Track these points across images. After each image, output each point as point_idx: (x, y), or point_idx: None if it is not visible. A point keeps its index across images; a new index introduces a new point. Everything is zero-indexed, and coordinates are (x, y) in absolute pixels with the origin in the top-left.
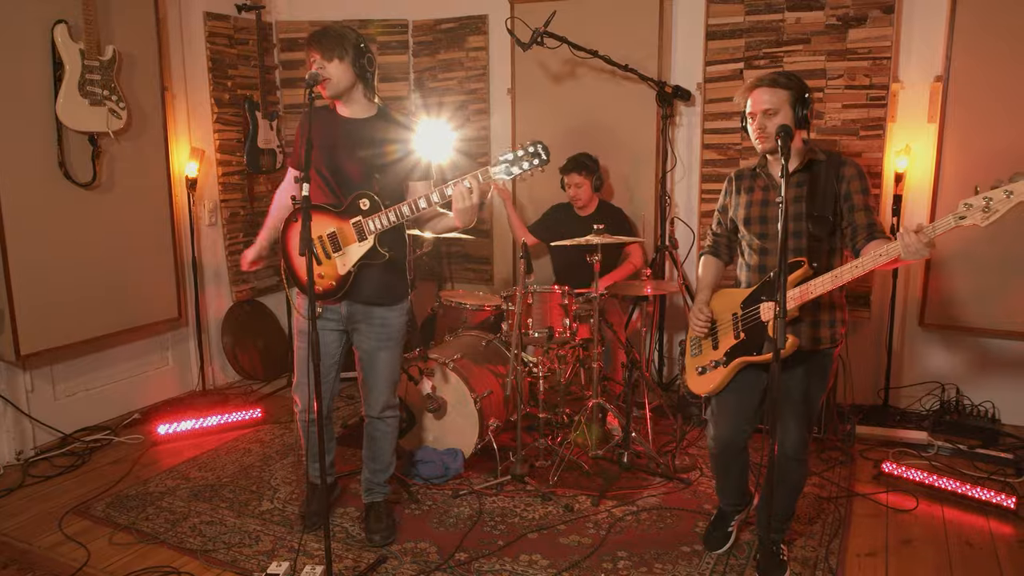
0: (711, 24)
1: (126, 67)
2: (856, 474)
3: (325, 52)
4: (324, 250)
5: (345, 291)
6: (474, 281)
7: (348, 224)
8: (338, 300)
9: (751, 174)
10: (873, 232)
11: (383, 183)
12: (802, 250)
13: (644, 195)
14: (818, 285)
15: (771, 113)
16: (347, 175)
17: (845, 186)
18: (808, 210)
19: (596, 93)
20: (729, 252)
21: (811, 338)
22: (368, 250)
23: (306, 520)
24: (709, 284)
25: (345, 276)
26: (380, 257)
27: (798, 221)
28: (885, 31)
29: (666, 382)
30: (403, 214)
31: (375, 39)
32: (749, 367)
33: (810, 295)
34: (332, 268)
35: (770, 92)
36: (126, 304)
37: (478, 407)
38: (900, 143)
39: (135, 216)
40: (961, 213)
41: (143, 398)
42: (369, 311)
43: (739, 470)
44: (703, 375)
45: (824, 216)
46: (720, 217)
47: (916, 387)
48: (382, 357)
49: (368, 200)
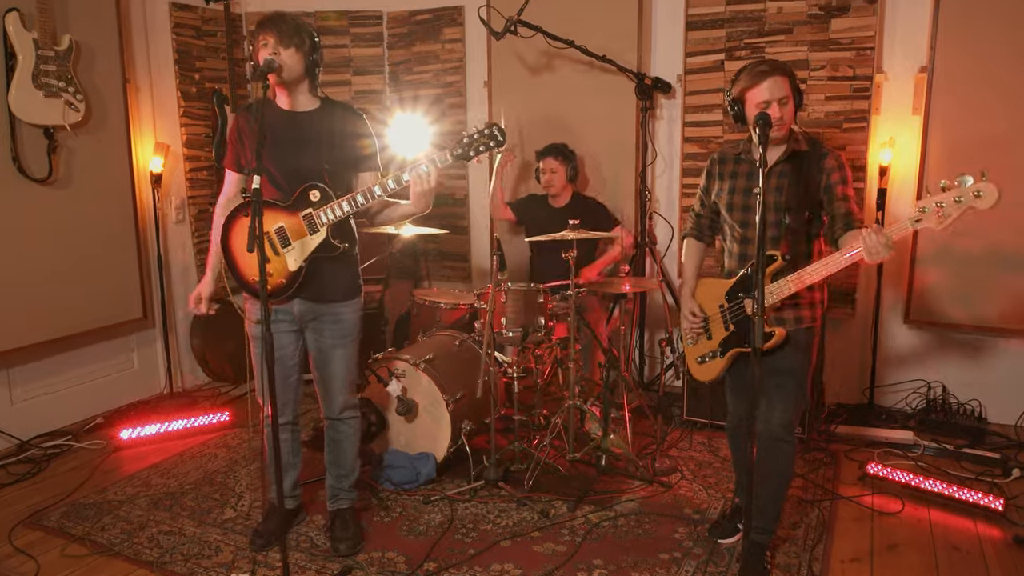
0: (691, 14)
1: (85, 58)
2: (840, 476)
3: (283, 38)
4: (272, 246)
5: (296, 288)
6: (452, 279)
7: (297, 218)
8: (289, 299)
9: (735, 158)
10: (851, 222)
11: (333, 175)
12: (779, 241)
13: (623, 189)
14: (787, 285)
15: (785, 101)
16: (295, 170)
17: (826, 178)
18: (788, 202)
19: (574, 86)
20: (711, 233)
21: (794, 318)
22: (321, 242)
23: (255, 538)
24: (694, 273)
25: (296, 272)
26: (334, 249)
27: (777, 212)
28: (868, 21)
29: (647, 381)
30: (357, 203)
31: (348, 31)
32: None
33: (781, 293)
34: (281, 265)
35: (782, 80)
36: (87, 304)
37: (450, 409)
38: (884, 136)
39: (95, 213)
40: (916, 217)
41: (107, 402)
42: (322, 308)
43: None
44: (703, 364)
45: (800, 210)
46: (703, 198)
47: (901, 385)
48: (337, 355)
49: (318, 191)
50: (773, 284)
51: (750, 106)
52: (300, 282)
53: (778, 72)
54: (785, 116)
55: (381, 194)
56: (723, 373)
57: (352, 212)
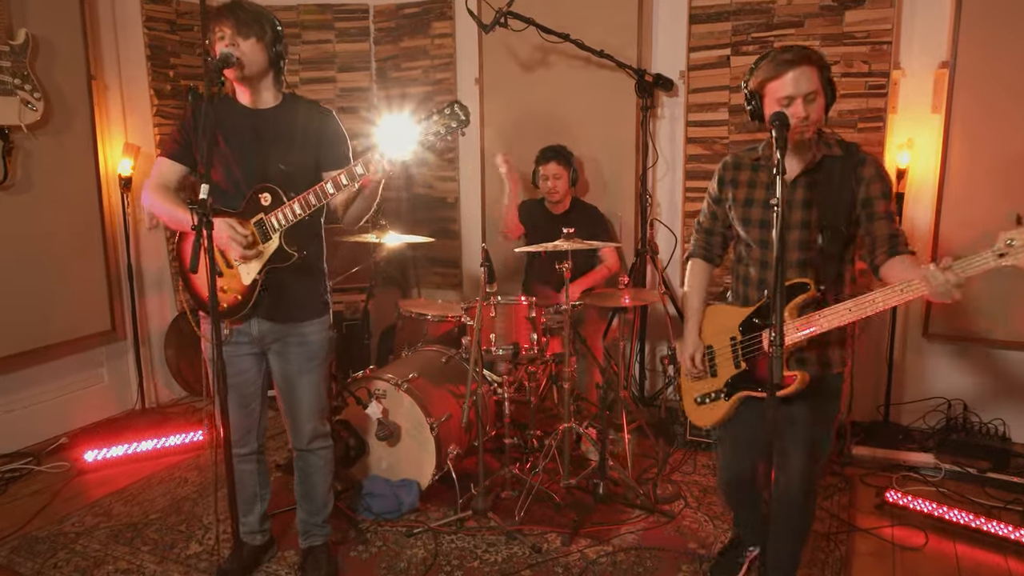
0: (695, 6)
1: (44, 53)
2: (856, 503)
3: (241, 28)
4: (224, 259)
5: (253, 305)
6: (442, 286)
7: (248, 225)
8: (246, 318)
9: (752, 164)
10: (896, 245)
11: (292, 177)
12: (808, 267)
13: (623, 193)
14: (825, 319)
15: (812, 97)
16: (259, 174)
17: (864, 189)
18: (819, 219)
19: (570, 83)
20: (723, 252)
21: (819, 362)
22: (274, 251)
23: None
24: (700, 302)
25: (251, 287)
26: (288, 258)
27: (805, 231)
28: (885, 13)
29: (648, 396)
30: (310, 203)
31: (332, 25)
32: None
33: (816, 329)
34: (235, 279)
35: (810, 71)
36: (49, 317)
37: (435, 434)
38: (902, 136)
39: (58, 219)
40: (1001, 250)
41: (73, 420)
42: (285, 329)
43: (752, 504)
44: (703, 406)
45: (837, 227)
46: (714, 209)
47: (919, 403)
48: (304, 381)
49: (269, 194)
50: (801, 318)
51: (770, 101)
52: (257, 298)
53: (805, 62)
54: (812, 115)
55: (334, 191)
56: (725, 420)
57: (306, 214)
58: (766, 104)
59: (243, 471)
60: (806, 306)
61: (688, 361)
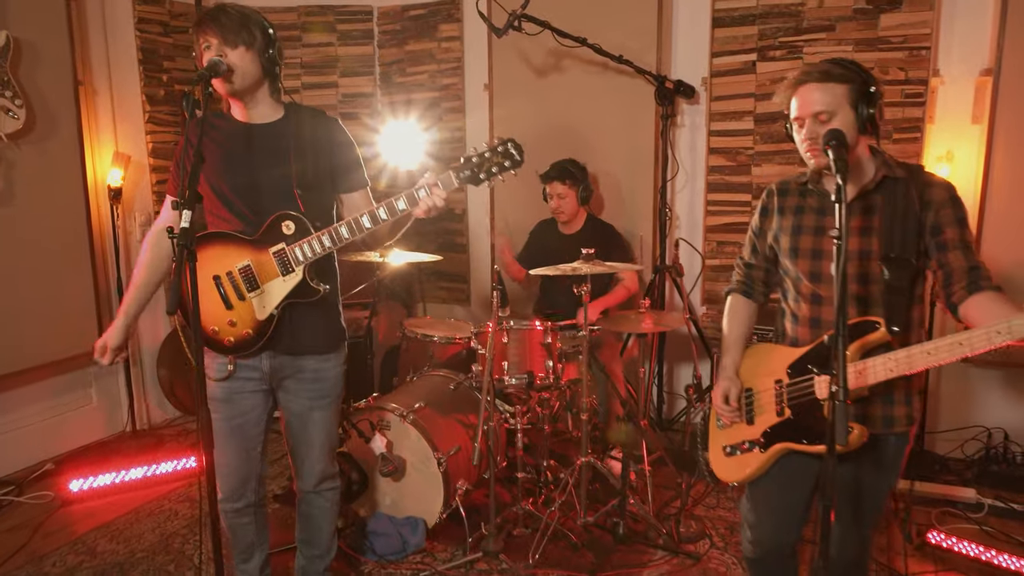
0: (719, 8)
1: (27, 58)
2: (894, 544)
3: (227, 36)
4: (236, 290)
5: (267, 340)
6: (448, 301)
7: (267, 254)
8: (256, 352)
9: (800, 190)
10: (977, 280)
11: (309, 200)
12: (871, 303)
13: (641, 207)
14: (901, 362)
15: (824, 117)
16: (258, 195)
17: (933, 215)
18: (882, 248)
19: (585, 89)
20: (766, 289)
21: (882, 419)
22: (296, 285)
23: None
24: (739, 340)
25: (266, 321)
26: (312, 293)
27: (865, 262)
28: (924, 16)
29: (667, 419)
30: (341, 237)
31: (334, 28)
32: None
33: (877, 376)
34: (247, 312)
35: (821, 89)
36: (35, 336)
37: (443, 469)
38: (941, 147)
39: (43, 233)
40: None
41: (60, 444)
42: (298, 363)
43: None
44: (732, 457)
45: (905, 258)
46: (755, 242)
47: (957, 432)
48: (316, 419)
49: (293, 222)
50: (869, 360)
51: (791, 121)
52: (271, 333)
53: (815, 78)
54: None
55: (370, 226)
56: (758, 475)
57: (335, 248)
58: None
59: (237, 524)
60: (873, 349)
61: (721, 399)
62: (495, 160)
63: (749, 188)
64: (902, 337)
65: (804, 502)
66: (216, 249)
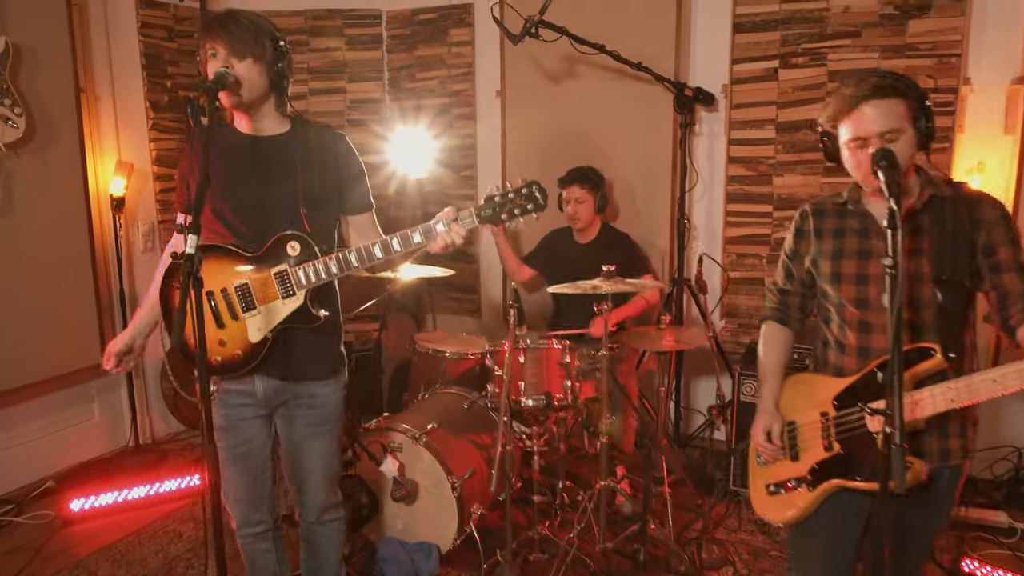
0: (739, 14)
1: (27, 64)
2: (927, 572)
3: (235, 46)
4: (230, 308)
5: (258, 363)
6: (458, 312)
7: (268, 274)
8: (244, 375)
9: (838, 211)
10: None
11: (314, 220)
12: (922, 329)
13: (657, 217)
14: (963, 392)
15: (891, 137)
16: (260, 212)
17: (985, 235)
18: (934, 271)
19: (600, 96)
20: (802, 315)
21: (937, 452)
22: (296, 310)
23: None
24: (777, 371)
25: (259, 344)
26: (312, 320)
27: (916, 285)
28: (954, 22)
29: (684, 436)
30: (349, 264)
31: (342, 32)
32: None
33: (947, 404)
34: (239, 333)
35: (885, 106)
36: (35, 351)
37: (457, 493)
38: (971, 159)
39: (43, 244)
40: None
41: (61, 460)
42: (294, 388)
43: None
44: (777, 496)
45: (958, 280)
46: (791, 266)
47: (987, 452)
48: (315, 447)
49: (298, 243)
50: (925, 390)
51: (842, 144)
52: (263, 357)
53: (880, 93)
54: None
55: (381, 256)
56: (805, 515)
57: (342, 275)
58: (840, 145)
59: (256, 551)
60: (929, 377)
61: (762, 437)
62: (518, 202)
63: (770, 199)
64: (956, 363)
65: (855, 543)
66: (212, 263)
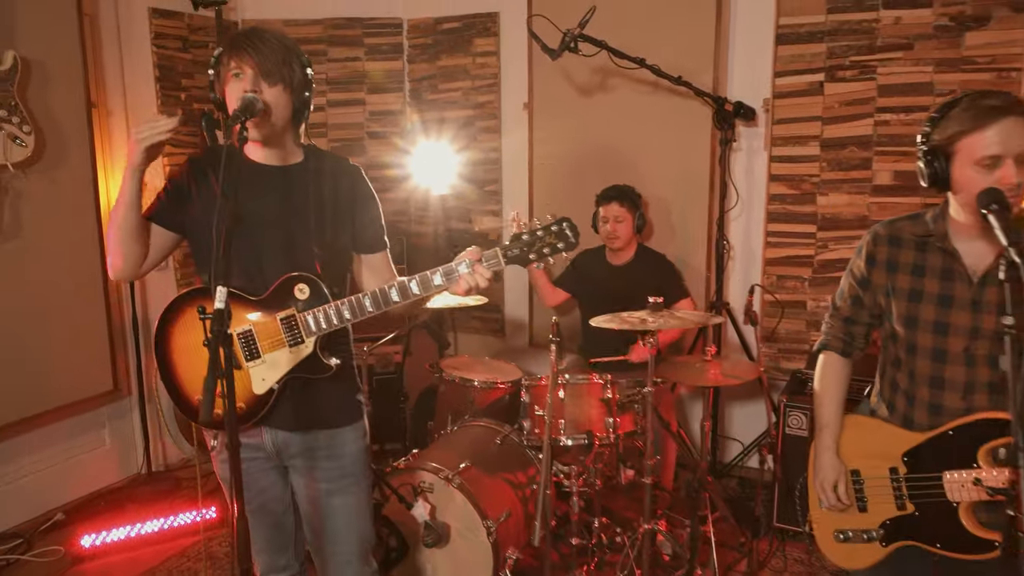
0: (783, 25)
1: (36, 79)
2: None
3: (267, 69)
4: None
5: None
6: (482, 331)
7: (273, 319)
8: (250, 427)
9: (918, 243)
10: None
11: (326, 260)
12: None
13: (694, 235)
14: None
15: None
16: (271, 249)
17: None
18: None
19: (634, 110)
20: (866, 344)
21: None
22: (305, 359)
23: None
24: (839, 411)
25: (264, 396)
26: (323, 369)
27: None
28: (1014, 35)
29: (721, 465)
30: (364, 310)
31: (362, 41)
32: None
33: None
34: (242, 384)
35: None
36: (44, 379)
37: (492, 538)
38: None
39: (53, 268)
40: None
41: (71, 490)
42: (309, 439)
43: None
44: (846, 544)
45: None
46: (857, 292)
47: None
48: (339, 505)
49: (308, 285)
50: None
51: (963, 161)
52: (268, 409)
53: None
54: None
55: (398, 300)
56: (878, 566)
57: (355, 320)
58: (956, 164)
59: None
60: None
61: (827, 491)
62: (548, 240)
63: (814, 218)
64: None
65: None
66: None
